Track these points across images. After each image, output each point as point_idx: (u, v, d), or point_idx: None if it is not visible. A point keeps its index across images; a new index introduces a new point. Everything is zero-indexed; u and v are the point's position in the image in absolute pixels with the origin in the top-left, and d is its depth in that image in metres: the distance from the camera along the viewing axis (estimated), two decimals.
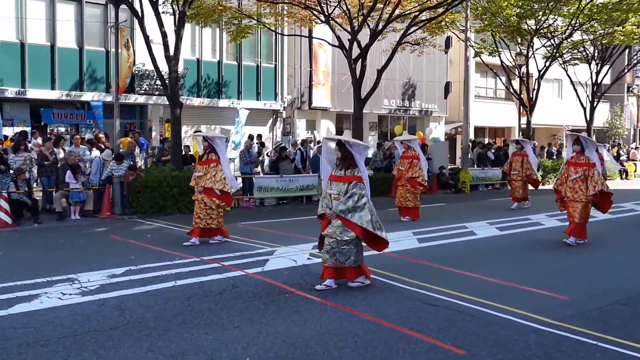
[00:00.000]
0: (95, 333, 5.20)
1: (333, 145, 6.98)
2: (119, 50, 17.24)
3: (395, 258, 8.62)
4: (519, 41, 24.94)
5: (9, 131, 17.90)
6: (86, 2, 19.14)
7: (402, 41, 18.62)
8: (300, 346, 4.97)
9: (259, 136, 20.98)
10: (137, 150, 16.27)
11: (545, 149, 27.03)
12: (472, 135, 25.44)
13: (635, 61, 31.40)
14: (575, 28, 23.54)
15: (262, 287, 6.76)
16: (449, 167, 22.08)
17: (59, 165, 13.37)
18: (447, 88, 30.15)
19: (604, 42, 25.34)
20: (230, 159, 21.01)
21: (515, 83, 26.26)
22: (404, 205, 12.97)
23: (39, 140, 15.34)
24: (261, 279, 7.16)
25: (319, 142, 21.90)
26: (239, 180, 15.58)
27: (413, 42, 20.19)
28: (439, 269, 7.97)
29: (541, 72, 24.82)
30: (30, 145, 14.30)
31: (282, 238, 10.25)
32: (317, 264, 8.20)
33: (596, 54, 27.18)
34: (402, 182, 12.98)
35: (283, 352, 4.82)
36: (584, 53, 27.01)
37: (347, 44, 17.90)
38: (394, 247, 9.44)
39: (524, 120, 26.23)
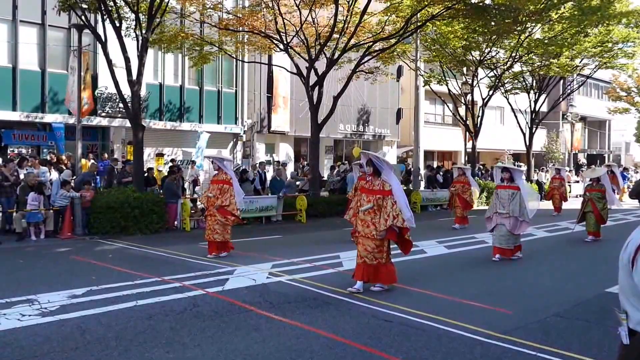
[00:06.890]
0: (56, 354, 5.10)
1: None
2: (81, 74, 17.46)
3: (348, 276, 8.69)
4: (465, 71, 26.32)
5: None
6: (49, 25, 19.20)
7: (357, 70, 19.56)
8: None
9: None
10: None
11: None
12: (422, 159, 26.47)
13: (569, 91, 33.75)
14: (516, 60, 25.13)
15: (222, 305, 6.82)
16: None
17: (19, 186, 13.38)
18: (398, 114, 31.36)
19: (541, 73, 27.12)
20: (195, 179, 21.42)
21: (462, 110, 27.49)
22: (212, 239, 10.60)
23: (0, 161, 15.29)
24: (221, 297, 7.22)
25: (278, 164, 22.57)
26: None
27: (367, 71, 21.10)
28: (392, 286, 8.08)
29: (485, 100, 26.10)
30: None
31: (242, 258, 10.33)
32: (276, 282, 8.38)
33: (534, 84, 28.97)
34: (210, 211, 10.59)
35: None
36: (524, 83, 28.69)
37: (305, 72, 18.63)
38: (348, 266, 9.61)
39: (469, 144, 27.33)
